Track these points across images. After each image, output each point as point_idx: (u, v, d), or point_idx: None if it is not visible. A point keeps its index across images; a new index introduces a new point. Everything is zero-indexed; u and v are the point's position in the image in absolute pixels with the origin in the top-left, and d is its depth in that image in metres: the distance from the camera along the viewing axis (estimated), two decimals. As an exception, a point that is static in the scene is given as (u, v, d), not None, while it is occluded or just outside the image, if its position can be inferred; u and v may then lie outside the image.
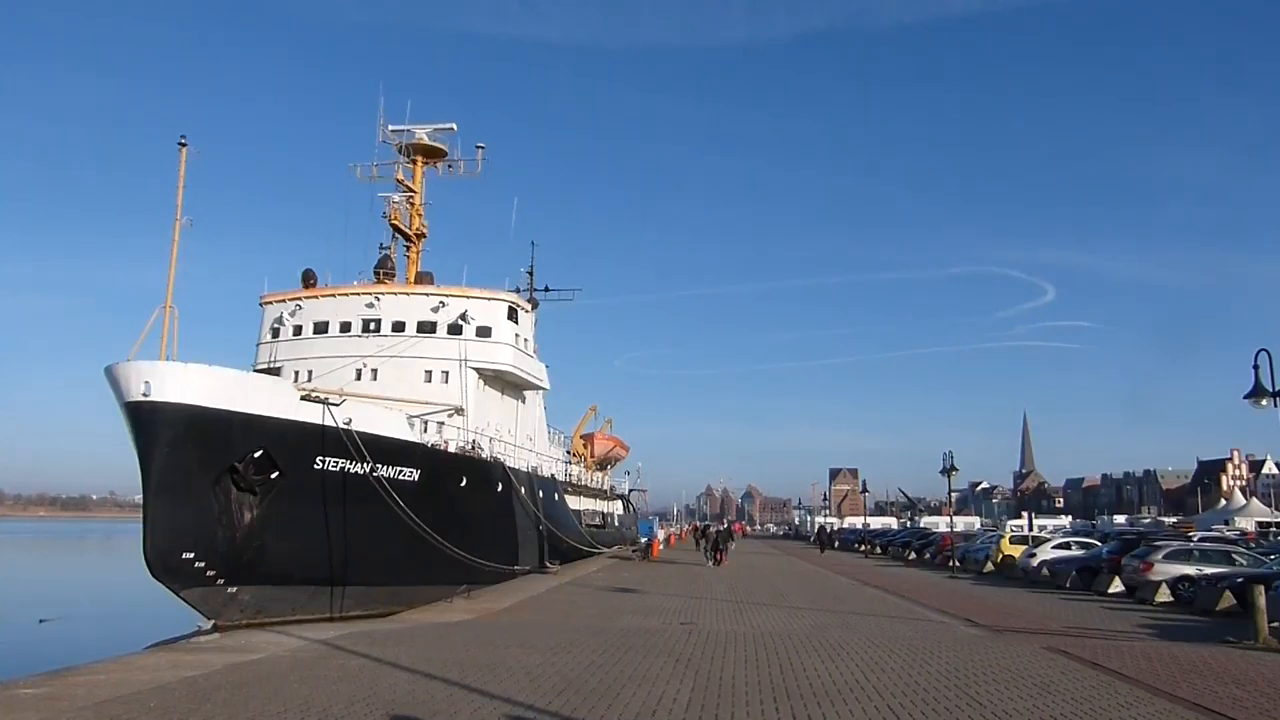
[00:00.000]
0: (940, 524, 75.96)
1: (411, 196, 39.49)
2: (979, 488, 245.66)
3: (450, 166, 41.05)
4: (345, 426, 24.65)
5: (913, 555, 50.16)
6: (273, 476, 23.51)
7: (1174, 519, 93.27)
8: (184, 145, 23.19)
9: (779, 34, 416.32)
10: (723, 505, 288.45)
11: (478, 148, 41.61)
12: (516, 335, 36.97)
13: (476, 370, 35.02)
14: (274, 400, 23.86)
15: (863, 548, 64.86)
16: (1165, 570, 24.47)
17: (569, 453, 55.64)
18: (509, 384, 38.12)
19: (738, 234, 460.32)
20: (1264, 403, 16.51)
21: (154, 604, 25.44)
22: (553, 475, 42.73)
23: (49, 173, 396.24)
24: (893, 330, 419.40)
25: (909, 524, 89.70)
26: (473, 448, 32.04)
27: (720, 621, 18.12)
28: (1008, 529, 53.73)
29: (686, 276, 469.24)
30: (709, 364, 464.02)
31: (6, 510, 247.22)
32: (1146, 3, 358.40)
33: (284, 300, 35.63)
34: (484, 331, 35.47)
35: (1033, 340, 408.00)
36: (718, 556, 39.70)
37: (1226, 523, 64.79)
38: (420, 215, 40.00)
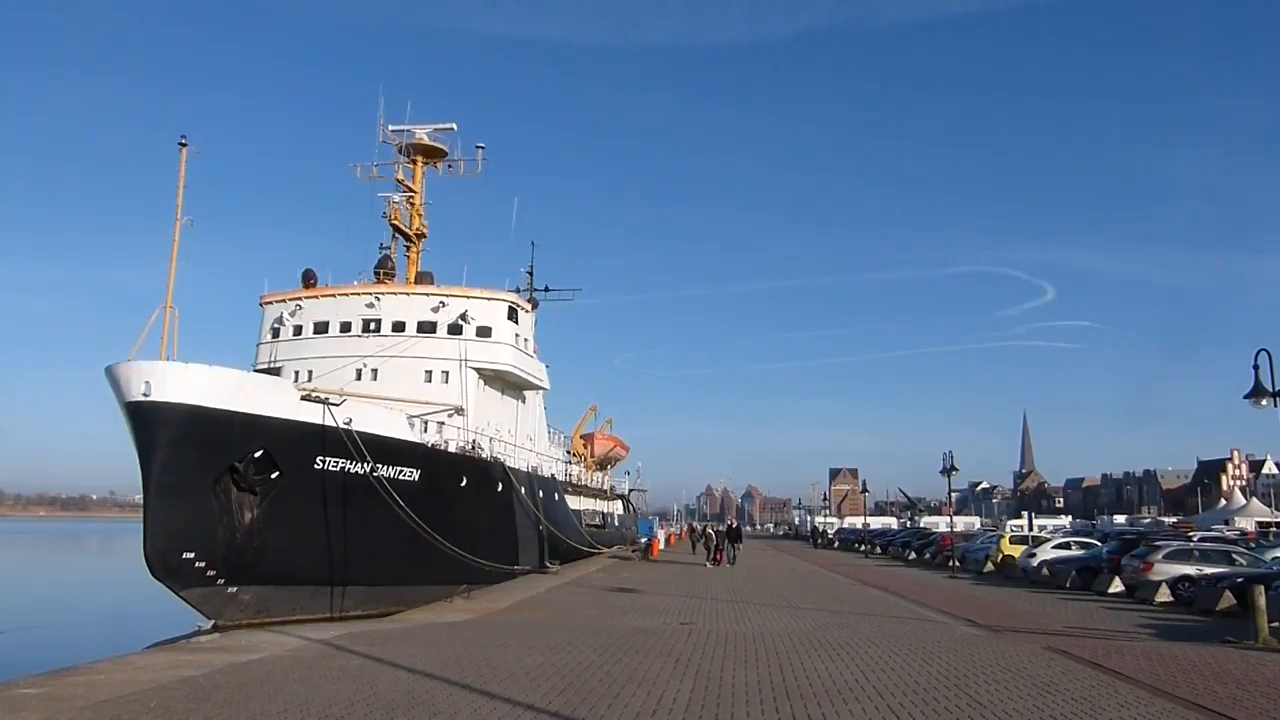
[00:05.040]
0: (940, 524, 76.04)
1: (411, 196, 39.47)
2: (979, 488, 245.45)
3: (450, 166, 41.03)
4: (345, 426, 24.64)
5: (913, 555, 50.16)
6: (273, 476, 23.50)
7: (1174, 519, 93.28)
8: (184, 145, 23.19)
9: (778, 34, 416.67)
10: (723, 505, 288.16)
11: (478, 147, 41.63)
12: (516, 335, 36.96)
13: (476, 370, 35.01)
14: (274, 400, 23.85)
15: (863, 548, 64.88)
16: (1165, 570, 24.48)
17: (569, 453, 55.62)
18: (509, 384, 38.10)
19: (737, 234, 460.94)
20: (1264, 403, 16.49)
21: (154, 604, 25.44)
22: (553, 475, 42.71)
23: (49, 173, 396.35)
24: (893, 330, 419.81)
25: (909, 524, 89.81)
26: (473, 448, 32.04)
27: (720, 621, 18.13)
28: (1008, 529, 53.80)
29: (686, 276, 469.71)
30: (709, 364, 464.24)
31: (6, 510, 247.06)
32: (1146, 3, 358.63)
33: (284, 300, 35.62)
34: (484, 331, 35.46)
35: (1033, 340, 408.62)
36: (716, 557, 39.75)
37: (1226, 523, 64.82)
38: (420, 215, 39.98)
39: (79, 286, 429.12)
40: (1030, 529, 52.33)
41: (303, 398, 24.69)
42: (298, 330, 35.08)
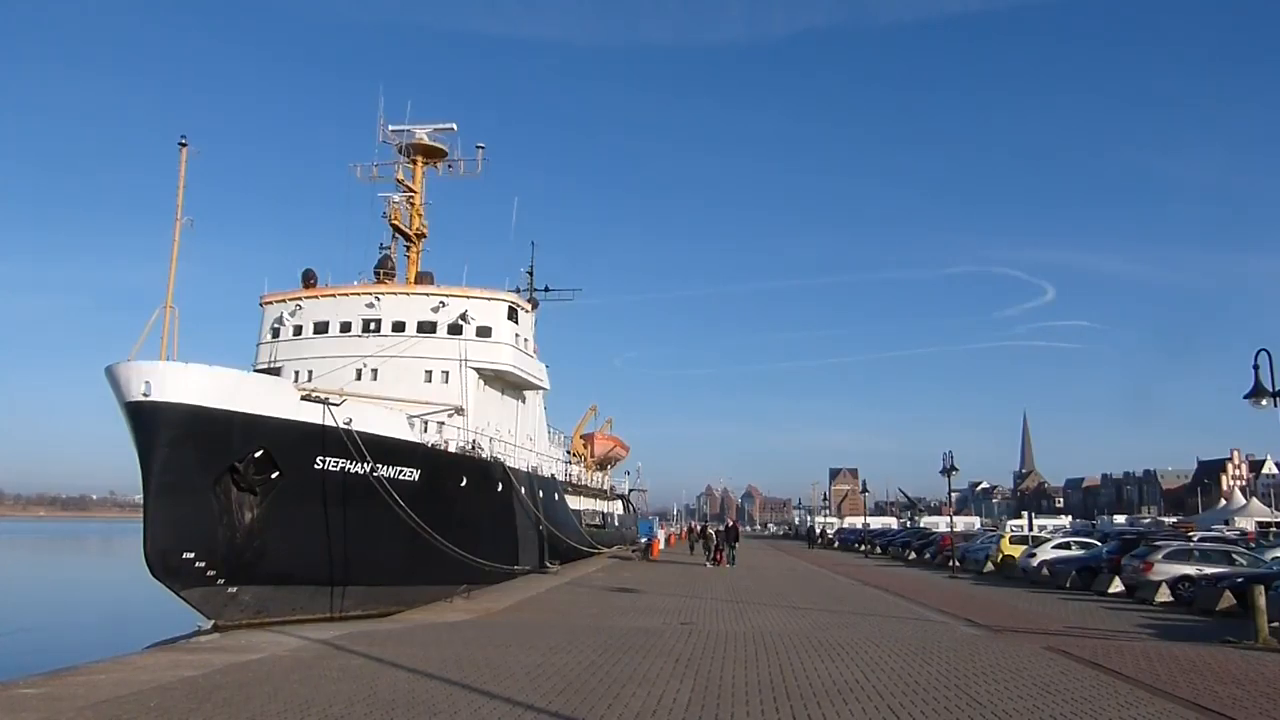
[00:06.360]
0: (940, 524, 76.05)
1: (411, 196, 39.47)
2: (979, 488, 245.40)
3: (450, 166, 41.04)
4: (345, 426, 24.64)
5: (913, 555, 50.17)
6: (273, 476, 23.50)
7: (1174, 519, 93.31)
8: (184, 145, 23.20)
9: (777, 33, 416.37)
10: (723, 505, 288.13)
11: (478, 148, 41.64)
12: (516, 335, 36.96)
13: (476, 370, 35.01)
14: (274, 400, 23.85)
15: (863, 548, 64.89)
16: (1165, 570, 24.48)
17: (569, 453, 55.62)
18: (509, 384, 38.10)
19: (737, 234, 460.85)
20: (1264, 403, 16.50)
21: (154, 604, 25.44)
22: (553, 475, 42.71)
23: (49, 173, 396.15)
24: (893, 330, 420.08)
25: (909, 524, 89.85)
26: (473, 448, 32.04)
27: (720, 621, 18.13)
28: (1008, 529, 53.81)
29: (686, 276, 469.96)
30: (709, 364, 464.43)
31: (6, 510, 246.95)
32: (1146, 3, 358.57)
33: (284, 300, 35.62)
34: (484, 331, 35.46)
35: (1033, 340, 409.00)
36: (716, 557, 39.78)
37: (1226, 523, 64.85)
38: (420, 215, 39.98)
39: (79, 286, 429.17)
40: (1030, 529, 52.33)
41: (303, 398, 24.69)
42: (298, 330, 35.08)
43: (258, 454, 23.14)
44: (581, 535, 43.96)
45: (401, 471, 26.52)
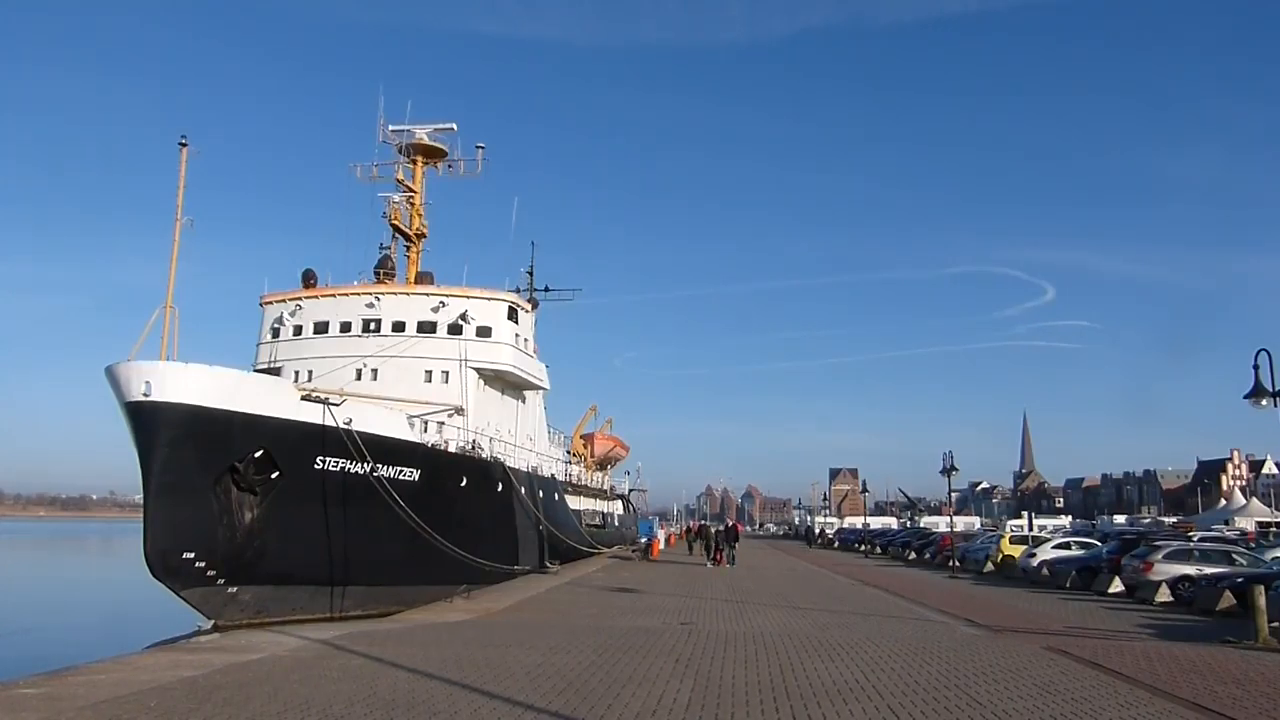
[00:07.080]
0: (940, 524, 76.02)
1: (411, 196, 39.47)
2: (979, 488, 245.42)
3: (450, 166, 41.03)
4: (345, 426, 24.64)
5: (913, 555, 50.17)
6: (273, 476, 23.51)
7: (1174, 519, 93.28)
8: (184, 145, 23.21)
9: (778, 34, 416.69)
10: (723, 505, 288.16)
11: (478, 148, 41.63)
12: (516, 335, 36.96)
13: (476, 370, 35.01)
14: (274, 400, 23.85)
15: (863, 547, 64.88)
16: (1165, 570, 24.49)
17: (569, 453, 55.61)
18: (509, 384, 38.10)
19: (737, 234, 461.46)
20: (1264, 403, 16.49)
21: (154, 604, 25.44)
22: (553, 475, 42.70)
23: (49, 173, 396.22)
24: (893, 330, 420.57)
25: (909, 524, 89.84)
26: (473, 448, 32.03)
27: (720, 621, 18.12)
28: (1008, 529, 53.82)
29: (687, 276, 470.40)
30: (709, 364, 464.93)
31: (6, 510, 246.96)
32: (1146, 3, 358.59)
33: (284, 300, 35.61)
34: (484, 331, 35.46)
35: (1033, 340, 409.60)
36: (716, 557, 39.79)
37: (1226, 523, 64.83)
38: (420, 215, 39.98)
39: (79, 286, 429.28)
40: (1030, 529, 52.34)
41: (303, 398, 24.69)
42: (298, 330, 35.08)
43: (258, 454, 23.14)
44: (581, 535, 43.95)
45: (401, 471, 26.52)
